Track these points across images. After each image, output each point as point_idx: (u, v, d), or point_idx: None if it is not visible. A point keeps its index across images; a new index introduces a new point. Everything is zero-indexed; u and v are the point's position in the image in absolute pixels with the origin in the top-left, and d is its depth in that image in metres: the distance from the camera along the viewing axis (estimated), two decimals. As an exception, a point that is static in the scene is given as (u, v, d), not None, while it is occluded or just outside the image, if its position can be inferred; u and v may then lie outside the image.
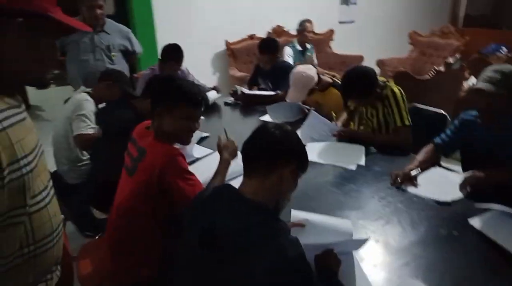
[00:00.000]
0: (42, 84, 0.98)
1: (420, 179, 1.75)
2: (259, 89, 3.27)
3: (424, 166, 1.83)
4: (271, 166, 1.05)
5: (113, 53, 2.97)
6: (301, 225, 1.35)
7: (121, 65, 3.03)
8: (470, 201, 1.55)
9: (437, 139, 1.88)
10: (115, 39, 3.00)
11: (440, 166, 1.94)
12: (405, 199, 1.62)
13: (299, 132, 2.26)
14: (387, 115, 2.15)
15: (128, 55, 3.17)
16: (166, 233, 1.44)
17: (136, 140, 1.49)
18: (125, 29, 3.15)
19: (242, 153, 1.12)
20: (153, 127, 1.48)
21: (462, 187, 1.61)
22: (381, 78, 2.23)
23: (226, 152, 1.57)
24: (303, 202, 1.58)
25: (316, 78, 2.49)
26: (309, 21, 4.10)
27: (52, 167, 2.31)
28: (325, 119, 2.21)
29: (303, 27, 4.06)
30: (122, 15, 4.20)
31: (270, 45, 3.07)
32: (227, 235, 0.97)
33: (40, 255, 0.93)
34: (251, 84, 3.38)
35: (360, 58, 5.09)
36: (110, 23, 3.00)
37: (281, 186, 1.06)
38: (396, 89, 2.12)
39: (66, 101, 2.36)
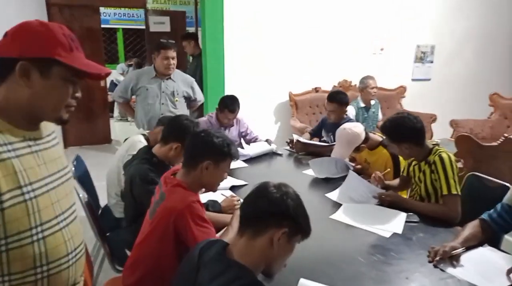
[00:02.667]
0: (58, 122, 1.05)
1: (462, 258, 1.55)
2: (321, 141, 3.26)
3: (470, 244, 1.62)
4: (262, 226, 1.03)
5: (176, 99, 3.24)
6: None
7: (183, 110, 3.28)
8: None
9: (485, 216, 1.67)
10: (180, 86, 3.28)
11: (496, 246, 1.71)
12: (437, 280, 1.44)
13: (338, 191, 2.19)
14: (434, 182, 1.99)
15: (191, 101, 3.43)
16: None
17: (161, 185, 1.58)
18: (190, 79, 3.43)
19: (239, 210, 1.12)
20: (185, 177, 1.54)
21: (509, 273, 1.39)
22: (431, 142, 2.10)
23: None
24: (320, 267, 1.50)
25: (363, 136, 2.42)
26: (371, 77, 3.97)
27: (104, 200, 2.52)
28: (364, 180, 2.11)
29: (365, 85, 3.94)
30: (199, 66, 4.60)
31: (340, 95, 3.09)
32: None
33: (54, 275, 0.99)
34: (313, 135, 3.40)
35: (433, 117, 4.82)
36: (176, 72, 3.29)
37: (271, 249, 1.02)
38: (444, 154, 1.96)
39: (125, 140, 2.59)
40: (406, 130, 1.98)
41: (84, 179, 2.42)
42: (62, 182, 1.06)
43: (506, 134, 2.85)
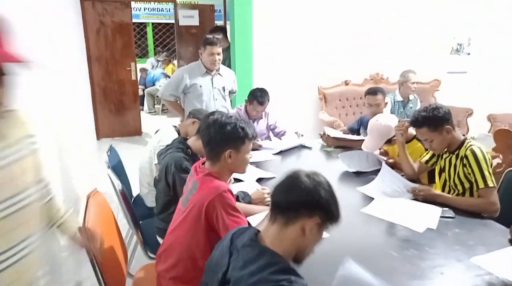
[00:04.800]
0: None
1: (500, 255, 1.50)
2: None
3: None
4: (294, 215, 1.03)
5: (226, 93, 3.29)
6: None
7: (229, 104, 3.36)
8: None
9: None
10: (227, 80, 3.32)
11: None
12: (473, 276, 1.39)
13: (371, 185, 2.14)
14: (468, 176, 1.94)
15: (230, 94, 3.47)
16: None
17: (193, 174, 1.60)
18: (233, 72, 3.49)
19: (270, 197, 1.12)
20: (213, 167, 1.55)
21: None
22: (462, 137, 2.03)
23: None
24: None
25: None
26: (412, 71, 3.76)
27: (136, 190, 2.59)
28: (398, 174, 2.06)
29: (406, 78, 3.74)
30: (227, 59, 4.62)
31: (379, 88, 3.06)
32: (235, 283, 0.96)
33: None
34: (350, 131, 3.35)
35: (469, 111, 4.66)
36: (222, 67, 3.30)
37: (303, 237, 1.03)
38: (476, 148, 1.92)
39: (156, 132, 2.64)
40: (442, 113, 1.97)
41: (117, 169, 2.48)
42: (16, 209, 0.88)
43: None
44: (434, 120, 1.97)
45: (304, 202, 1.03)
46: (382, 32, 4.81)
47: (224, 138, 1.52)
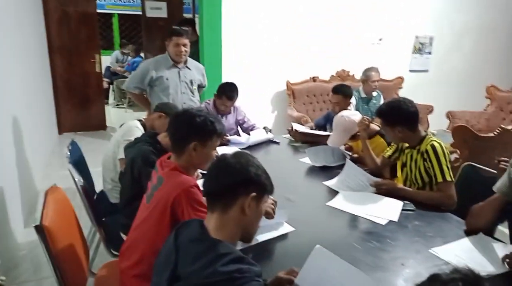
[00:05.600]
0: None
1: (457, 246, 1.57)
2: None
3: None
4: (230, 198, 1.05)
5: (194, 87, 3.23)
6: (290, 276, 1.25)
7: (197, 98, 3.31)
8: None
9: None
10: (195, 74, 3.26)
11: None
12: (432, 266, 1.45)
13: (336, 179, 2.19)
14: (428, 170, 2.02)
15: (200, 88, 3.42)
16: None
17: (158, 169, 1.57)
18: (201, 66, 3.43)
19: (203, 188, 1.12)
20: (178, 161, 1.53)
21: (504, 260, 1.42)
22: (423, 133, 2.11)
23: None
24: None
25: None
26: (374, 69, 3.88)
27: (100, 185, 2.51)
28: (361, 169, 2.12)
29: (367, 77, 3.86)
30: (196, 53, 4.55)
31: (344, 87, 3.08)
32: (187, 279, 0.95)
33: None
34: (317, 126, 3.39)
35: (430, 108, 4.83)
36: (190, 60, 3.25)
37: (244, 216, 1.05)
38: (436, 143, 2.00)
39: (121, 126, 2.57)
40: (400, 114, 2.03)
41: (79, 164, 2.40)
42: None
43: (503, 126, 2.87)
44: (387, 117, 2.07)
45: (238, 181, 1.05)
46: (348, 30, 4.89)
47: (191, 130, 1.50)
